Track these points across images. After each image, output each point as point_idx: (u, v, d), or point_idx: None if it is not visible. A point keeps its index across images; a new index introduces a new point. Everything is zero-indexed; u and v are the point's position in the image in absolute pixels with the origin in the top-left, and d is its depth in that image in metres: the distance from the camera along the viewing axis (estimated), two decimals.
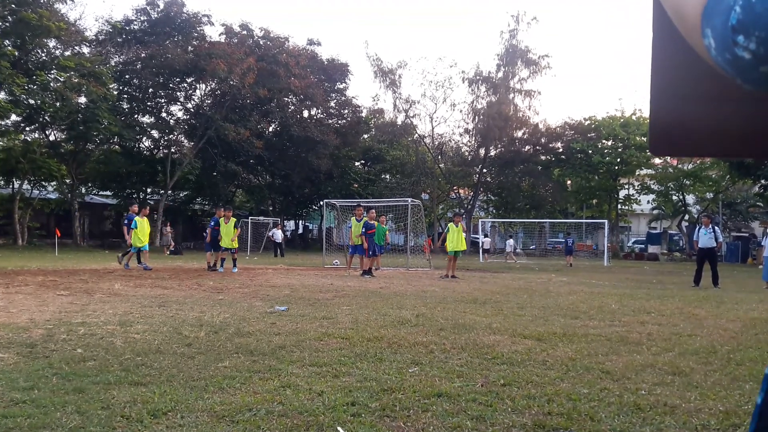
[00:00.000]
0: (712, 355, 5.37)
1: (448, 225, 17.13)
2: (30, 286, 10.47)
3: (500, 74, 42.63)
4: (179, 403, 3.56)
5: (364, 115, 46.76)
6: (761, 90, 0.76)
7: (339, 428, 3.23)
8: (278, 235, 31.74)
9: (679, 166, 44.37)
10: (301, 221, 52.00)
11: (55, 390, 3.78)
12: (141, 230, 16.92)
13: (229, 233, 16.92)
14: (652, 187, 47.59)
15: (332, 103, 45.38)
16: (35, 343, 5.23)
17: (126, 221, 17.31)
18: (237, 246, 17.51)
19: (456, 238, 16.29)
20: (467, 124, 44.75)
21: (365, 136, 48.46)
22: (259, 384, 4.07)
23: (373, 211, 17.38)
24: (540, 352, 5.33)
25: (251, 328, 6.34)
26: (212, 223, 17.73)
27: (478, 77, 42.68)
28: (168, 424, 3.22)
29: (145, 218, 17.48)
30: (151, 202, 41.99)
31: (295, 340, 5.67)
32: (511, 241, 34.58)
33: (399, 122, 44.59)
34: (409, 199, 21.49)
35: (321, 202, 45.98)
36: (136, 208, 17.86)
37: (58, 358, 4.70)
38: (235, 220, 17.65)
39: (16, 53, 29.61)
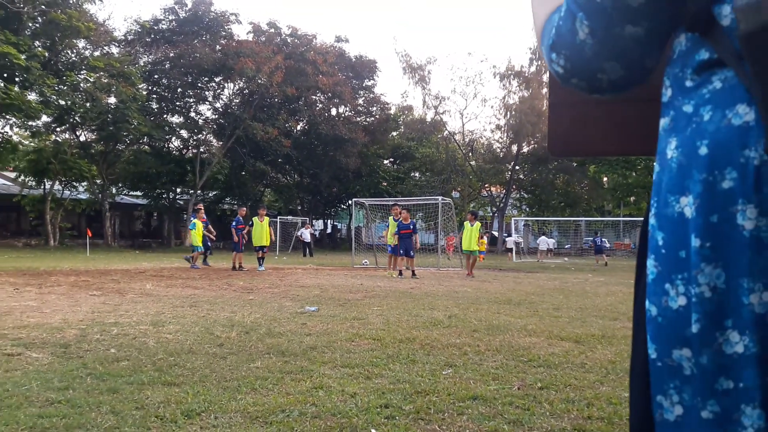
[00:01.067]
0: None
1: (465, 224, 17.04)
2: (62, 287, 10.60)
3: (533, 68, 41.87)
4: (212, 404, 3.53)
5: (392, 112, 46.63)
6: (589, 95, 0.95)
7: (373, 431, 3.17)
8: (306, 234, 31.83)
9: None
10: (329, 221, 52.07)
11: (90, 390, 3.78)
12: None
13: (265, 231, 17.08)
14: None
15: (360, 101, 45.33)
16: (69, 344, 5.26)
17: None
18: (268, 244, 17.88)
19: (469, 237, 16.29)
20: (499, 119, 44.38)
21: (394, 133, 48.30)
22: (291, 385, 4.03)
23: (404, 210, 17.28)
24: (578, 354, 5.20)
25: (282, 328, 6.31)
26: (234, 223, 17.82)
27: (509, 72, 42.12)
28: (201, 425, 3.19)
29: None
30: (181, 202, 42.47)
31: (327, 340, 5.63)
32: (550, 240, 33.94)
33: (428, 119, 44.29)
34: (440, 198, 21.36)
35: (349, 201, 46.16)
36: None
37: (91, 358, 4.72)
38: (268, 219, 17.90)
39: (47, 54, 30.15)
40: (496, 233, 44.34)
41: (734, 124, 0.80)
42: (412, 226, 15.96)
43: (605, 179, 48.18)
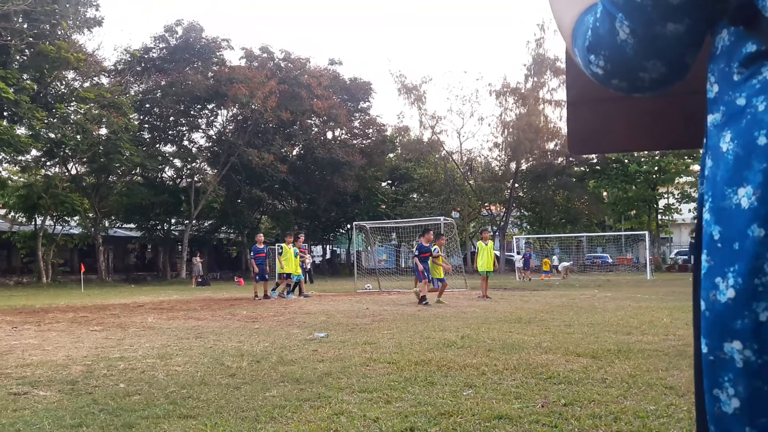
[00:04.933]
0: None
1: (478, 243, 16.65)
2: (61, 323, 10.42)
3: (528, 85, 41.92)
4: None
5: (389, 133, 46.61)
6: (629, 94, 0.95)
7: None
8: (306, 261, 31.62)
9: None
10: (328, 246, 51.88)
11: (104, 426, 3.67)
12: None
13: (291, 258, 16.99)
14: (693, 195, 46.13)
15: (356, 123, 45.35)
16: (76, 380, 5.14)
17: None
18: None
19: (486, 257, 15.82)
20: (496, 137, 44.07)
21: (391, 155, 48.27)
22: (310, 412, 3.93)
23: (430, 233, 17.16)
24: (597, 369, 5.11)
25: (293, 356, 6.20)
26: (252, 253, 17.63)
27: (505, 89, 42.07)
28: None
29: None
30: (176, 233, 42.25)
31: (341, 366, 5.52)
32: (564, 263, 33.82)
33: (425, 139, 44.20)
34: (441, 218, 21.27)
35: (348, 226, 46.06)
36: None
37: (101, 393, 4.60)
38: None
39: (35, 87, 29.84)
40: (498, 252, 44.27)
41: None
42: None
43: (605, 194, 48.12)
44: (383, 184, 49.79)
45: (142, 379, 5.17)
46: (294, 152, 43.19)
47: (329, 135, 44.36)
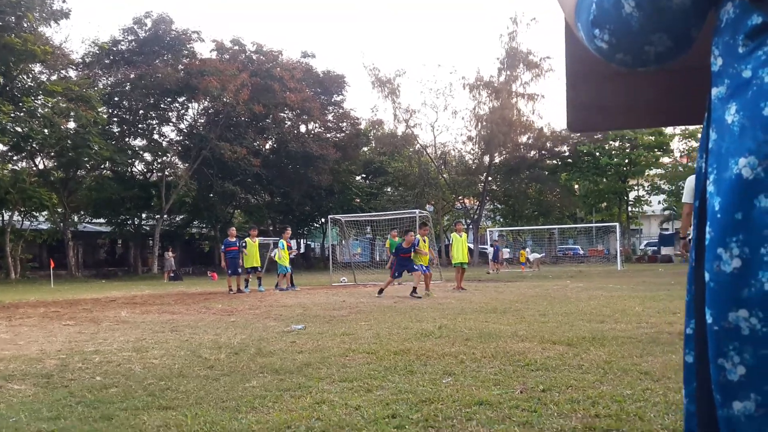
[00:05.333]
0: None
1: (452, 235, 16.66)
2: (33, 318, 10.26)
3: (502, 78, 42.00)
4: (214, 425, 3.42)
5: (362, 127, 46.45)
6: (631, 69, 0.94)
7: None
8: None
9: (690, 164, 44.04)
10: (302, 240, 51.68)
11: (82, 418, 3.63)
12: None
13: (255, 252, 17.10)
14: (663, 187, 46.90)
15: (330, 117, 45.14)
16: (51, 374, 5.07)
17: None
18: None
19: (460, 249, 15.85)
20: (470, 131, 44.14)
21: (365, 148, 48.15)
22: (291, 402, 3.93)
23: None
24: (573, 356, 5.19)
25: (272, 347, 6.19)
26: (223, 247, 17.52)
27: (479, 82, 42.12)
28: None
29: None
30: (147, 228, 41.68)
31: (320, 357, 5.52)
32: (535, 254, 34.08)
33: (399, 133, 44.10)
34: (417, 210, 21.31)
35: (322, 219, 45.85)
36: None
37: (78, 386, 4.54)
38: (259, 240, 17.75)
39: (1, 80, 29.18)
40: (471, 245, 44.52)
41: None
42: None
43: (576, 186, 48.63)
44: (357, 177, 49.69)
45: (119, 372, 5.11)
46: (267, 146, 42.84)
47: (303, 128, 44.11)
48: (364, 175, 50.21)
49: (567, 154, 46.03)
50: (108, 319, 9.81)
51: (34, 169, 34.67)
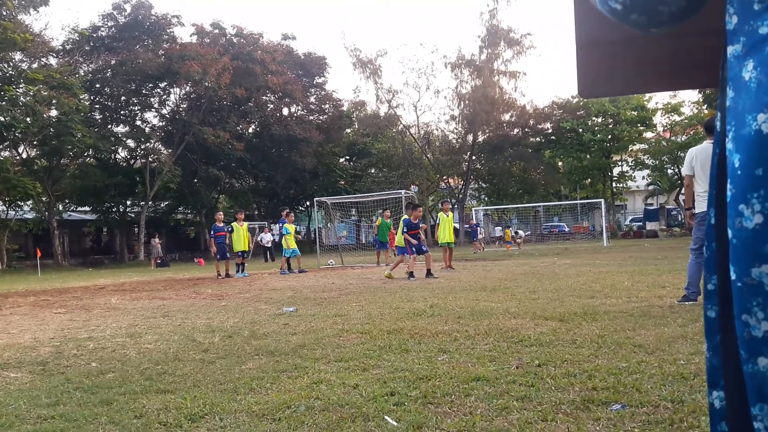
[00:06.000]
0: None
1: (439, 215, 16.62)
2: (23, 307, 10.21)
3: (483, 56, 41.82)
4: (214, 407, 3.43)
5: (345, 108, 46.26)
6: (643, 32, 0.96)
7: (387, 417, 3.12)
8: (266, 238, 31.40)
9: (672, 138, 44.25)
10: None
11: (82, 403, 3.63)
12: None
13: (244, 236, 17.13)
14: (646, 162, 46.96)
15: (312, 99, 44.94)
16: (46, 361, 5.05)
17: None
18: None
19: (447, 229, 15.85)
20: (452, 110, 44.07)
21: (348, 130, 48.01)
22: (288, 382, 3.95)
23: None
24: (566, 331, 5.25)
25: (265, 330, 6.20)
26: (212, 232, 17.41)
27: (460, 61, 41.94)
28: (208, 427, 3.10)
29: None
30: (132, 215, 41.40)
31: (314, 338, 5.55)
32: (520, 232, 34.16)
33: (382, 114, 43.91)
34: (402, 191, 21.34)
35: (307, 203, 45.70)
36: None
37: (74, 373, 4.54)
38: (246, 224, 17.70)
39: None
40: (457, 225, 44.71)
41: None
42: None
43: (560, 163, 48.73)
44: (341, 159, 49.56)
45: (114, 357, 5.11)
46: (250, 130, 42.62)
47: (285, 111, 43.88)
48: (347, 157, 50.07)
49: (550, 131, 46.08)
50: (99, 306, 9.77)
51: (18, 158, 34.33)
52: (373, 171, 49.19)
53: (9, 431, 3.15)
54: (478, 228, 32.35)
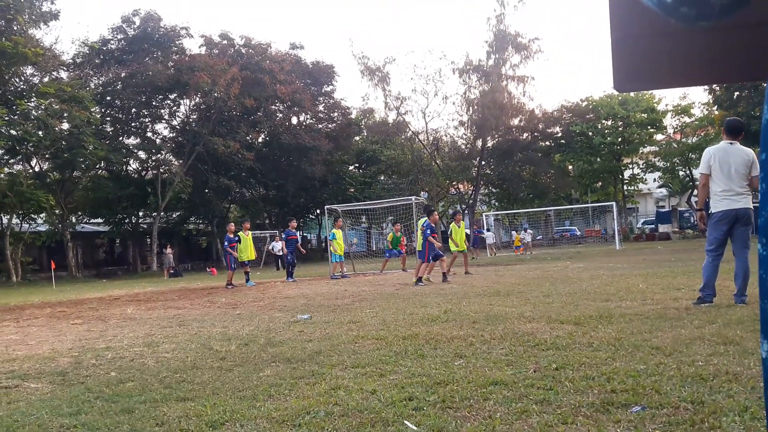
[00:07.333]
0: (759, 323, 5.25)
1: (451, 226, 16.78)
2: (40, 319, 10.31)
3: (491, 62, 41.62)
4: (234, 413, 3.45)
5: (353, 116, 46.36)
6: (691, 25, 0.95)
7: (406, 422, 3.13)
8: (277, 247, 31.45)
9: (683, 140, 43.99)
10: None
11: (103, 412, 3.66)
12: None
13: (250, 246, 17.30)
14: (658, 164, 46.61)
15: (320, 107, 45.10)
16: (65, 371, 5.10)
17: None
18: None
19: (460, 237, 16.29)
20: (461, 116, 43.78)
21: (357, 138, 48.05)
22: (307, 389, 3.97)
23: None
24: (582, 335, 5.23)
25: (280, 337, 6.23)
26: (226, 242, 17.36)
27: (468, 67, 41.77)
28: None
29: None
30: (144, 226, 41.63)
31: (329, 344, 5.56)
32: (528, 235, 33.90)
33: (391, 121, 43.88)
34: (413, 198, 21.34)
35: (318, 211, 45.73)
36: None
37: (94, 382, 4.58)
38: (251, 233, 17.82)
39: None
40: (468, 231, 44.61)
41: None
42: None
43: (570, 167, 48.53)
44: (351, 167, 49.64)
45: (133, 366, 5.15)
46: (260, 139, 42.81)
47: (294, 120, 44.05)
48: (357, 165, 50.14)
49: (560, 135, 45.94)
50: (115, 316, 9.84)
51: (31, 171, 34.69)
52: (382, 178, 49.19)
53: None
54: (484, 233, 32.21)
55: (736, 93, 32.06)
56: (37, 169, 35.23)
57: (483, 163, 44.67)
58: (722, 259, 6.59)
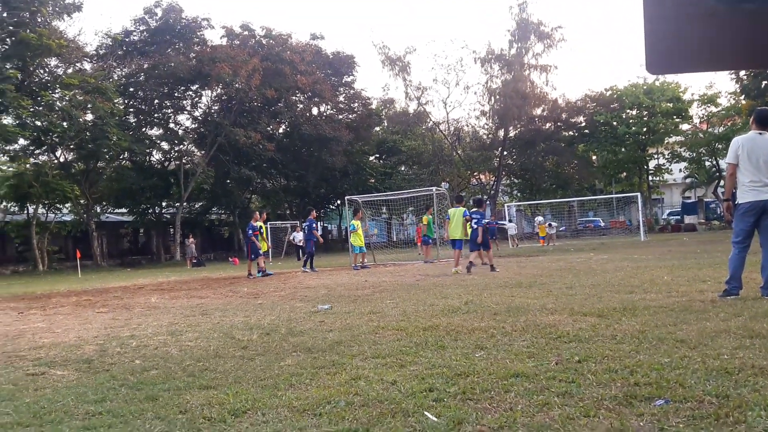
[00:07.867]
0: None
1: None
2: (66, 307, 10.47)
3: (513, 51, 41.35)
4: (256, 402, 3.49)
5: (374, 106, 46.24)
6: (734, 6, 0.94)
7: (426, 413, 3.13)
8: (298, 237, 31.59)
9: (710, 130, 43.28)
10: (319, 222, 51.87)
11: (128, 399, 3.72)
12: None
13: (265, 236, 17.30)
14: (683, 154, 45.92)
15: (341, 98, 45.10)
16: (91, 359, 5.17)
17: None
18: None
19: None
20: (483, 105, 43.64)
21: (377, 128, 47.96)
22: (327, 378, 3.99)
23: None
24: (605, 327, 5.18)
25: (301, 327, 6.26)
26: (250, 232, 17.22)
27: (490, 56, 41.50)
28: (251, 422, 3.16)
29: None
30: (168, 216, 42.07)
31: (350, 335, 5.58)
32: (550, 222, 33.48)
33: (411, 111, 43.74)
34: (434, 188, 21.31)
35: (338, 201, 45.79)
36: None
37: (119, 370, 4.64)
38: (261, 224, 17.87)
39: (19, 75, 29.43)
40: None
41: None
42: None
43: (594, 157, 47.97)
44: (371, 158, 49.60)
45: (157, 354, 5.21)
46: (280, 130, 42.94)
47: (315, 111, 44.11)
48: (377, 155, 50.09)
49: (583, 124, 45.43)
50: (139, 305, 9.97)
51: (56, 162, 35.12)
52: (403, 168, 49.07)
53: (60, 427, 3.24)
54: (506, 224, 32.00)
55: (765, 82, 31.47)
56: (62, 159, 35.67)
57: (505, 153, 44.31)
58: (749, 251, 6.48)
